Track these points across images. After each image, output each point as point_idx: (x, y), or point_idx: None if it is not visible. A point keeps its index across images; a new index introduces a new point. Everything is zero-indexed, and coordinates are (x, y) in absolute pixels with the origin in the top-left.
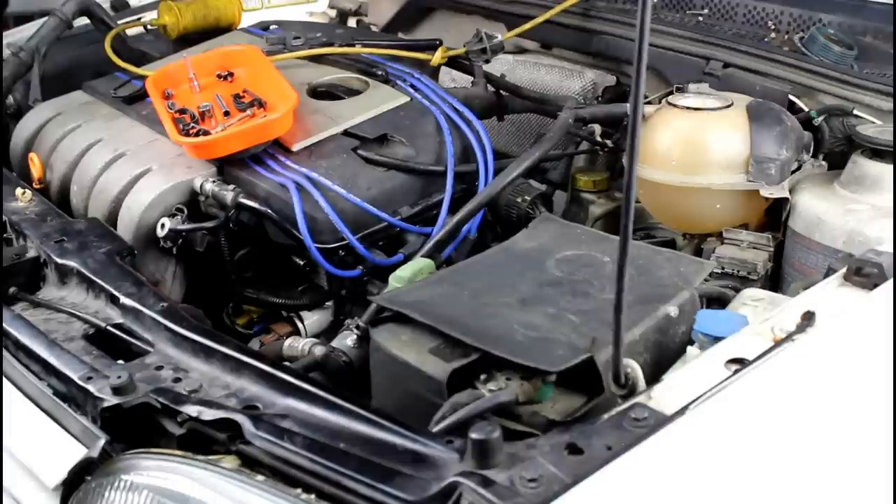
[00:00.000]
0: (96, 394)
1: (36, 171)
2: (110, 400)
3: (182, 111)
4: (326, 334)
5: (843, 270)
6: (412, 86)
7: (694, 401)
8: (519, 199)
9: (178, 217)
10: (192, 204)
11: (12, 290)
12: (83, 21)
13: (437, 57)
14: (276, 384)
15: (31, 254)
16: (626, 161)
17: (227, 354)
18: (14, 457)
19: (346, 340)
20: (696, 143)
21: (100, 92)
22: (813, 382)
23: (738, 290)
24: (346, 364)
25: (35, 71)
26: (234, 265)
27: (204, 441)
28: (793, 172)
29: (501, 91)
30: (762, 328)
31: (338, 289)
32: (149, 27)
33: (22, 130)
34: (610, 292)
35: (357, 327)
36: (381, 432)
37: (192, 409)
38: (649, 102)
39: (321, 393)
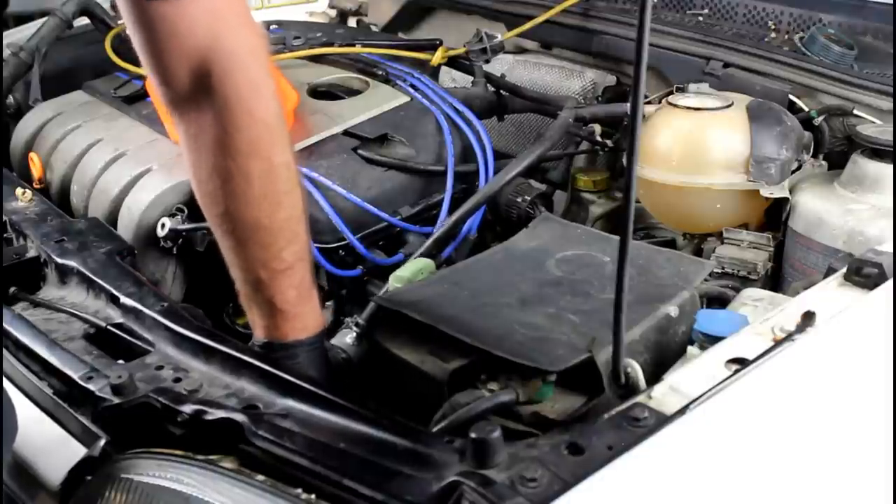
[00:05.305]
0: (96, 393)
1: (36, 171)
2: (110, 400)
3: None
4: (327, 334)
5: (843, 270)
6: (412, 86)
7: (694, 401)
8: (519, 199)
9: (179, 217)
10: (192, 204)
11: (12, 290)
12: (83, 21)
13: (437, 57)
14: (276, 384)
15: (31, 254)
16: (626, 161)
17: (228, 354)
18: (14, 456)
19: (346, 338)
20: (696, 143)
21: (100, 92)
22: (813, 382)
23: (738, 290)
24: (346, 361)
25: (35, 71)
26: None
27: (204, 441)
28: (793, 172)
29: (501, 91)
30: (762, 328)
31: (338, 289)
32: None
33: (22, 130)
34: (610, 292)
35: (356, 324)
36: (381, 432)
37: (191, 409)
38: (649, 102)
39: (321, 393)
